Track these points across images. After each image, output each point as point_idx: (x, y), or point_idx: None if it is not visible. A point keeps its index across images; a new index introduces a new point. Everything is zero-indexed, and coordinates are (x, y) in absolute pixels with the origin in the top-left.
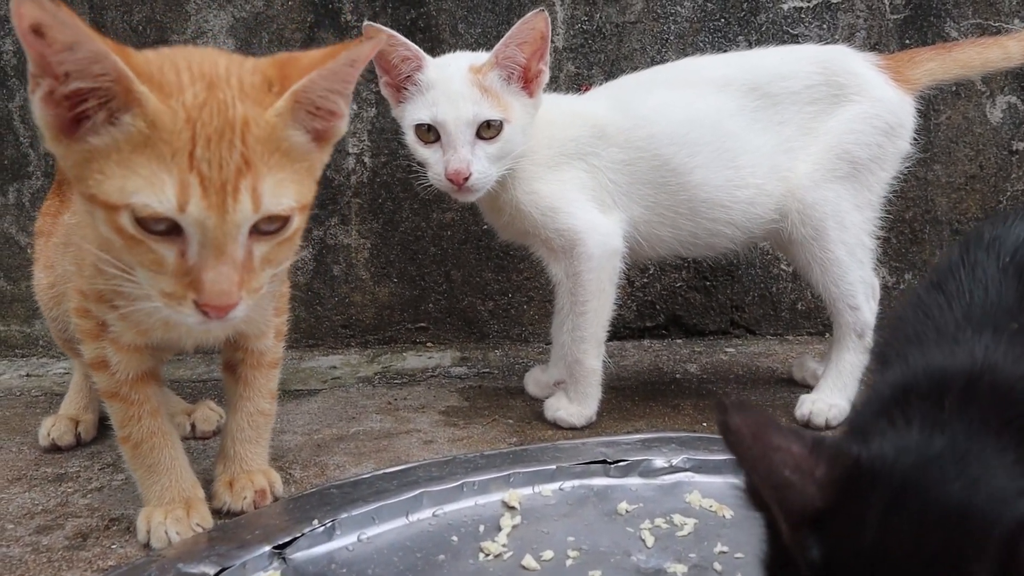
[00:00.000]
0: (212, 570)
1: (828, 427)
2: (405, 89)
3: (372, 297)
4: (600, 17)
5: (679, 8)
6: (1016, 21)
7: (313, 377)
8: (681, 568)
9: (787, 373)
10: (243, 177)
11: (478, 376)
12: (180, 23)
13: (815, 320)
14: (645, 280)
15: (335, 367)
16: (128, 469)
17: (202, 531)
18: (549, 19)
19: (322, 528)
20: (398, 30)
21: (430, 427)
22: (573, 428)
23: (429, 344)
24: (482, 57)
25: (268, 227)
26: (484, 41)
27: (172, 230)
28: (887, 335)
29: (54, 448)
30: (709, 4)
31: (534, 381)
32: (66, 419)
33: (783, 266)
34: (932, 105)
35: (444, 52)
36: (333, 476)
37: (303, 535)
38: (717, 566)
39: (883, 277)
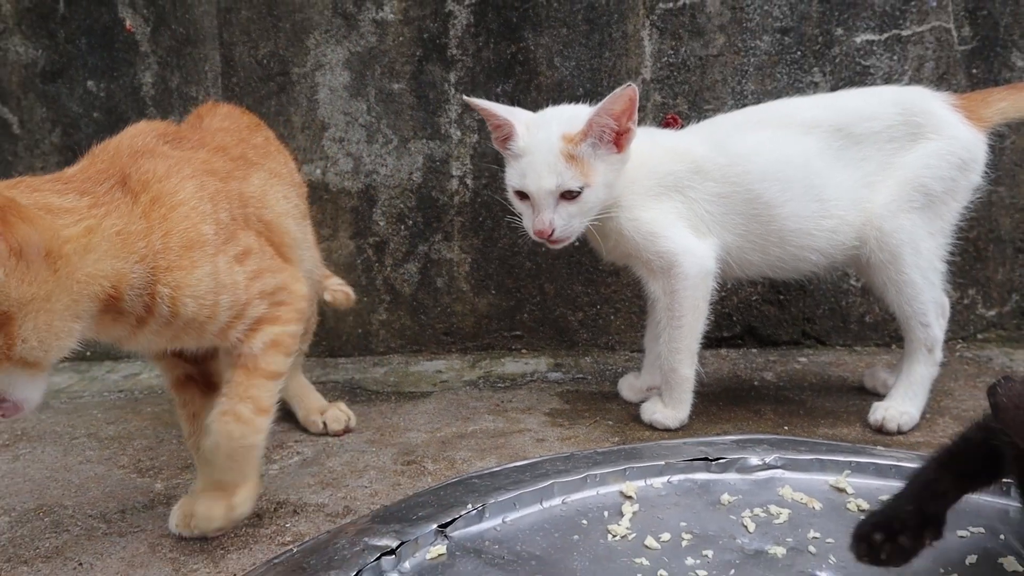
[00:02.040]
0: (394, 543)
1: (900, 432)
2: (507, 149)
3: (472, 307)
4: (685, 51)
5: (758, 42)
6: None
7: (423, 380)
8: (780, 550)
9: (858, 382)
10: None
11: (573, 381)
12: (301, 57)
13: (882, 332)
14: (723, 294)
15: (440, 371)
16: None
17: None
18: (637, 90)
19: (474, 511)
20: (499, 64)
21: (539, 427)
22: (668, 430)
23: (524, 351)
24: (578, 118)
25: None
26: (577, 73)
27: None
28: None
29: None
30: (786, 38)
31: (628, 386)
32: None
33: (852, 281)
34: (997, 130)
35: (541, 83)
36: (462, 469)
37: (460, 516)
38: (812, 549)
39: (948, 293)
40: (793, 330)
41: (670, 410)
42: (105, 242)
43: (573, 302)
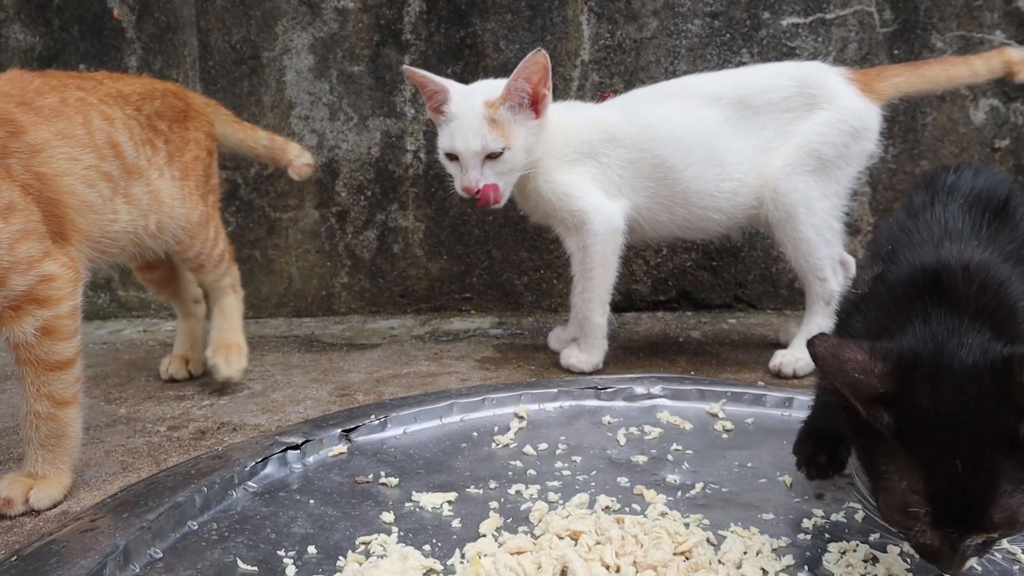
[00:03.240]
0: (300, 440)
1: (795, 376)
2: (440, 115)
3: (425, 271)
4: (620, 34)
5: (690, 26)
6: (998, 32)
7: (375, 335)
8: (642, 459)
9: (777, 339)
10: None
11: (511, 336)
12: (270, 42)
13: None
14: (659, 260)
15: (393, 328)
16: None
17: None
18: (548, 55)
19: (377, 422)
20: (449, 48)
21: (467, 370)
22: (583, 373)
23: (472, 312)
24: (499, 89)
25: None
26: (521, 55)
27: None
28: (875, 245)
29: (171, 380)
30: (716, 22)
31: (555, 338)
32: (179, 358)
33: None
34: (919, 108)
35: (488, 65)
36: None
37: (363, 425)
38: (670, 457)
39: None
40: (726, 294)
41: (584, 355)
42: None
43: (519, 267)
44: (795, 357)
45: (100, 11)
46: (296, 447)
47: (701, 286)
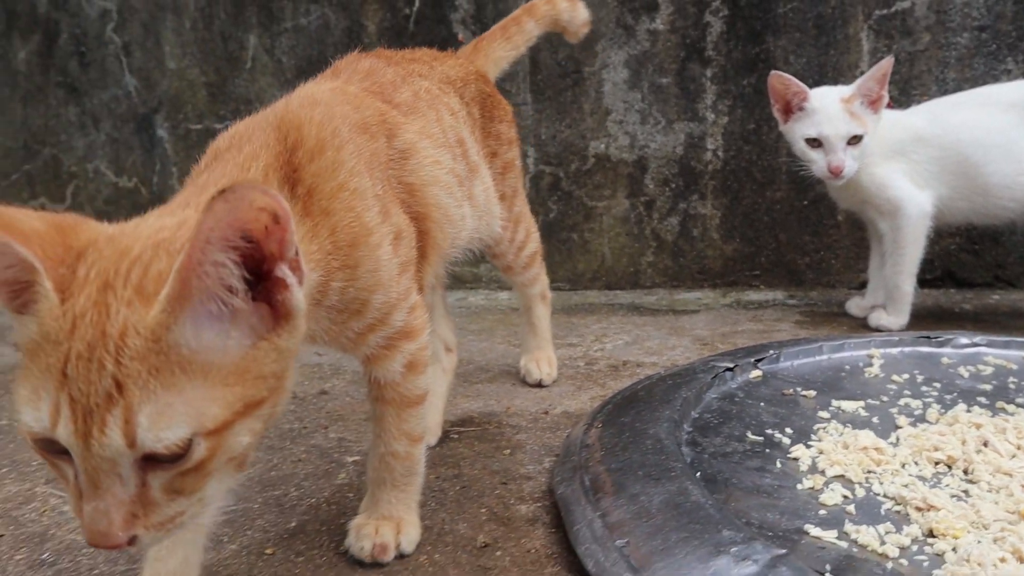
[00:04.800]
0: (731, 365)
1: None
2: (793, 113)
3: (720, 252)
4: (896, 47)
5: (959, 39)
6: None
7: (688, 304)
8: (987, 386)
9: None
10: (113, 405)
11: (806, 305)
12: (591, 59)
13: None
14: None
15: (699, 298)
16: None
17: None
18: (892, 62)
19: (775, 355)
20: (745, 62)
21: (791, 328)
22: (891, 332)
23: (762, 287)
24: (845, 90)
25: (166, 456)
26: (808, 68)
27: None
28: None
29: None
30: (983, 34)
31: (855, 306)
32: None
33: None
34: None
35: None
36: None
37: (765, 357)
38: (1011, 385)
39: None
40: (986, 274)
41: (893, 317)
42: None
43: (802, 249)
44: None
45: (447, 34)
46: (729, 369)
47: (964, 267)
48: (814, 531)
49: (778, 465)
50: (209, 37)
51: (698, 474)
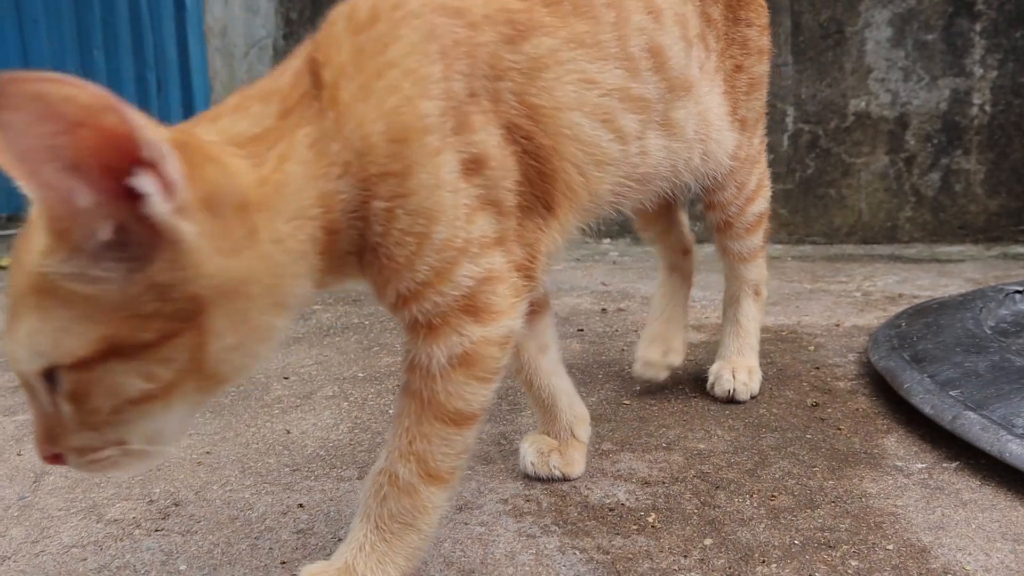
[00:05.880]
0: (1020, 288)
1: None
2: None
3: (984, 207)
4: None
5: None
6: None
7: (951, 256)
8: None
9: None
10: (14, 320)
11: None
12: (853, 19)
13: None
14: None
15: (961, 251)
16: None
17: None
18: None
19: None
20: (1019, 15)
21: None
22: None
23: None
24: None
25: (39, 380)
26: None
27: None
28: None
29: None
30: None
31: None
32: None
33: None
34: None
35: None
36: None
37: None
38: None
39: None
40: None
41: None
42: (301, 165)
43: None
44: None
45: None
46: (1020, 292)
47: None
48: None
49: None
50: None
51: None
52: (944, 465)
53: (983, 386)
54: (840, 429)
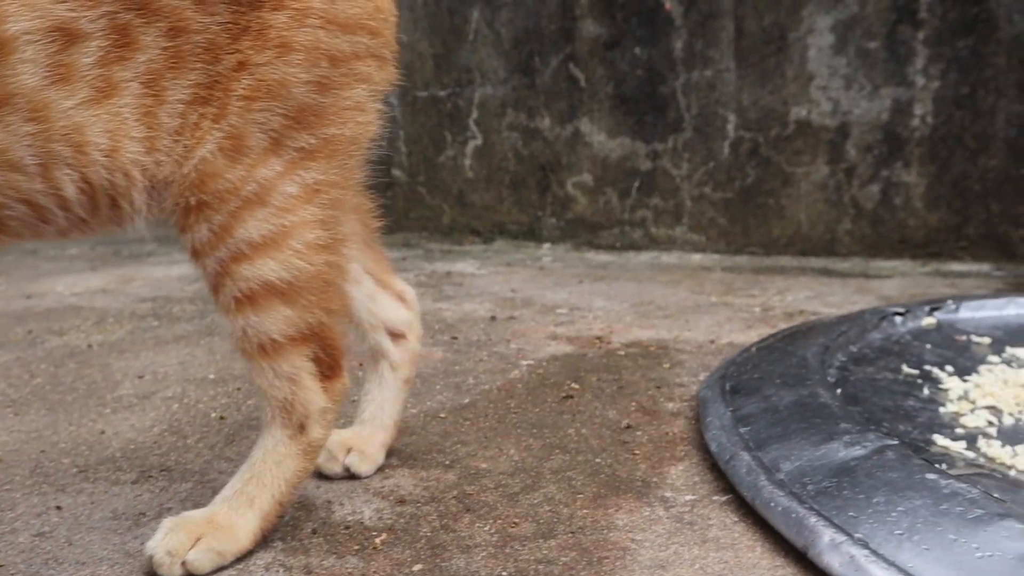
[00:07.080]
0: (901, 310)
1: None
2: None
3: (923, 221)
4: None
5: None
6: None
7: (882, 271)
8: None
9: None
10: None
11: (1013, 277)
12: (796, 24)
13: None
14: None
15: (895, 267)
16: None
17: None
18: None
19: (954, 306)
20: (962, 23)
21: (991, 293)
22: None
23: (968, 258)
24: None
25: None
26: None
27: None
28: None
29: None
30: None
31: None
32: None
33: None
34: None
35: (1000, 37)
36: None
37: (942, 307)
38: None
39: None
40: None
41: None
42: None
43: (1016, 221)
44: None
45: (654, 4)
46: (900, 314)
47: None
48: (942, 441)
49: (926, 392)
50: (437, 12)
51: (838, 391)
52: (714, 498)
53: (773, 424)
54: (635, 454)
